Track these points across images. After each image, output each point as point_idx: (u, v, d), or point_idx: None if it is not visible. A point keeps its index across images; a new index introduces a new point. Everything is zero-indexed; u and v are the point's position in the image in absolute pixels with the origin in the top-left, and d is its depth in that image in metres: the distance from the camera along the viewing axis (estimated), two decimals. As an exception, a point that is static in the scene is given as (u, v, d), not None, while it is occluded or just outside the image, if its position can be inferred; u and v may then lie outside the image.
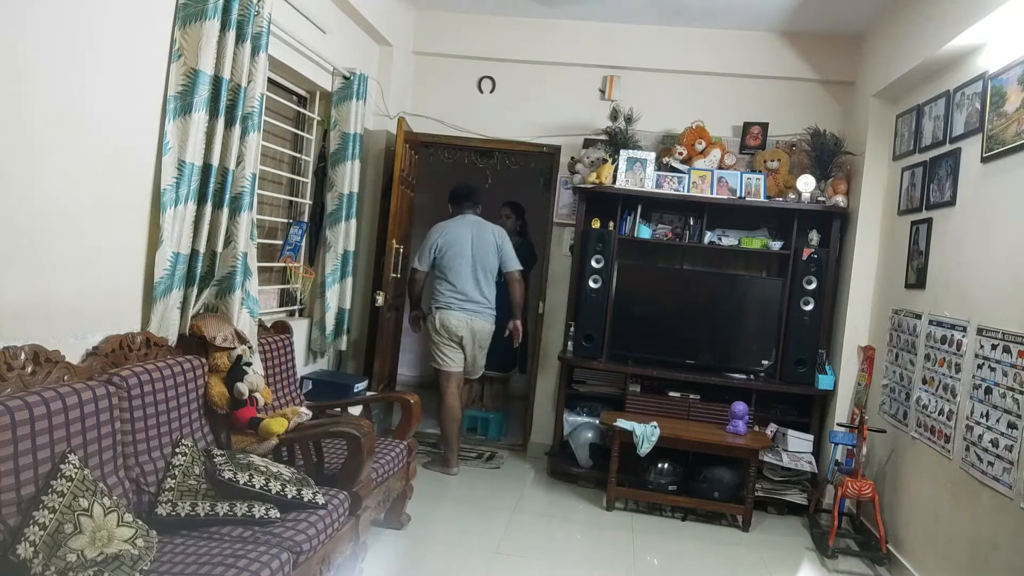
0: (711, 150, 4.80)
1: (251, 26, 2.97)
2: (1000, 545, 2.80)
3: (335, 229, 4.30)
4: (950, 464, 3.26)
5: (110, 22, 2.42)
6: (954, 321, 3.37)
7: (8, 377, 2.08)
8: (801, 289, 4.55)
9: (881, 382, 4.14)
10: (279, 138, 4.10)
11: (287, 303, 4.34)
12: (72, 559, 1.90)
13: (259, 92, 3.09)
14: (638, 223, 4.79)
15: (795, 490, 4.41)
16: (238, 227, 3.06)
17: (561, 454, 4.77)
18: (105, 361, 2.47)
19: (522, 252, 5.39)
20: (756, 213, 4.85)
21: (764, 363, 4.67)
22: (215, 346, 2.91)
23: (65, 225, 2.34)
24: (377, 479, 3.19)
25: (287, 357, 3.65)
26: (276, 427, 2.90)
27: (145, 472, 2.47)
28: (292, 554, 2.31)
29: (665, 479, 4.31)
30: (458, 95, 5.27)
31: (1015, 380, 2.81)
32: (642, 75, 5.09)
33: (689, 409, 4.59)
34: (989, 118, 3.21)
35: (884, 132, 4.40)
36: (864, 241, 4.43)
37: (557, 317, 5.10)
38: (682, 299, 4.83)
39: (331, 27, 4.07)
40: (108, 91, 2.44)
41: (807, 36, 4.89)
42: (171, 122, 2.70)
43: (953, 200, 3.52)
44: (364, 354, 4.95)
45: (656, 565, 3.64)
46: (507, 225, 5.54)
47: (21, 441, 1.96)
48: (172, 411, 2.64)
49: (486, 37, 5.19)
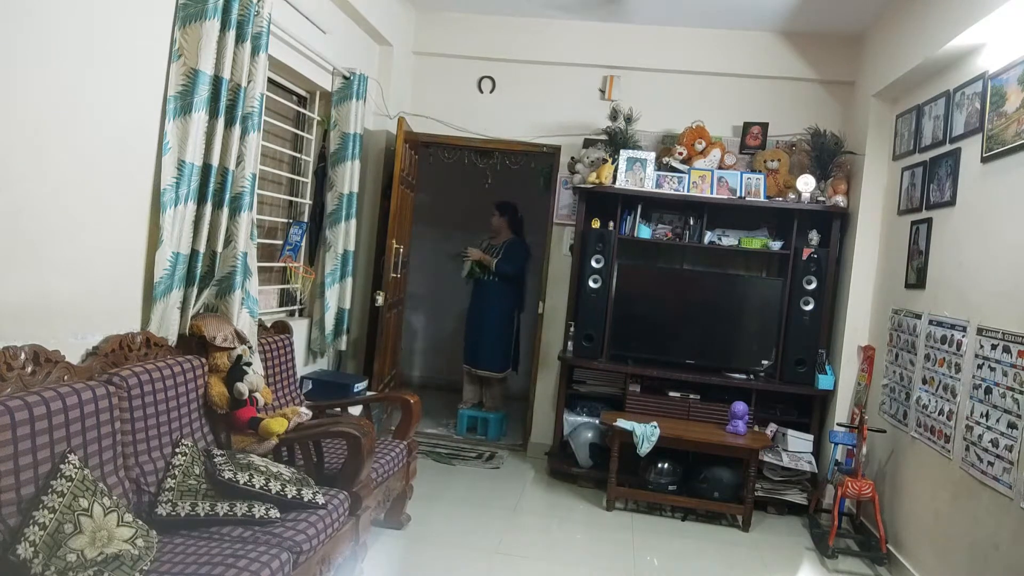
0: (711, 150, 4.80)
1: (251, 26, 2.97)
2: (1000, 545, 2.80)
3: (335, 229, 4.30)
4: (950, 464, 3.26)
5: (110, 22, 2.42)
6: (954, 321, 3.37)
7: (8, 377, 2.08)
8: (801, 289, 4.55)
9: (881, 382, 4.14)
10: (279, 138, 4.10)
11: (287, 303, 4.34)
12: (72, 559, 1.90)
13: (259, 92, 3.09)
14: (638, 223, 4.79)
15: (795, 490, 4.41)
16: (238, 227, 3.06)
17: (561, 454, 4.77)
18: (105, 361, 2.47)
19: (513, 250, 5.40)
20: (756, 213, 4.85)
21: (764, 363, 4.67)
22: (215, 346, 2.91)
23: (65, 225, 2.34)
24: (377, 479, 3.19)
25: (287, 357, 3.65)
26: (276, 427, 2.90)
27: (145, 472, 2.47)
28: (292, 554, 2.31)
29: (665, 479, 4.31)
30: (458, 95, 5.27)
31: (1015, 380, 2.81)
32: (642, 75, 5.09)
33: (689, 409, 4.59)
34: (989, 118, 3.21)
35: (884, 132, 4.40)
36: (864, 241, 4.43)
37: (557, 317, 5.10)
38: (682, 299, 4.83)
39: (331, 27, 4.07)
40: (108, 91, 2.45)
41: (807, 36, 4.89)
42: (171, 122, 2.70)
43: (953, 200, 3.52)
44: (364, 354, 4.95)
45: (656, 565, 3.64)
46: (496, 225, 5.56)
47: (21, 441, 1.96)
48: (172, 411, 2.64)
49: (486, 37, 5.19)
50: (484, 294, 5.51)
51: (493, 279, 5.45)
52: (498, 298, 5.48)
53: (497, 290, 5.48)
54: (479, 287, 5.55)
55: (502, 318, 5.49)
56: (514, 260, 5.44)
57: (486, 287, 5.50)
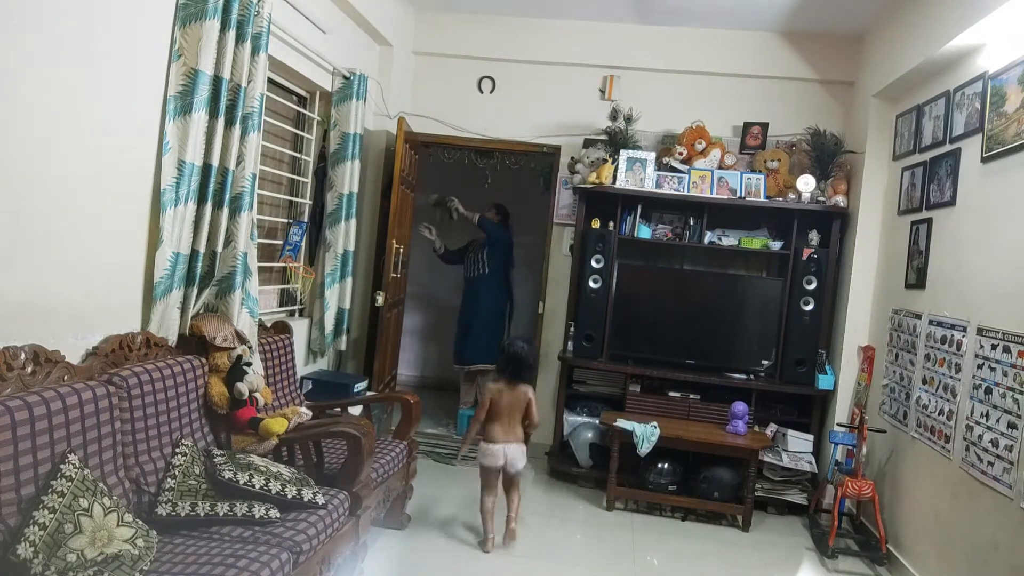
0: (711, 150, 4.80)
1: (251, 26, 2.97)
2: (1000, 545, 2.80)
3: (335, 229, 4.30)
4: (950, 464, 3.26)
5: (110, 22, 2.42)
6: (954, 321, 3.37)
7: (8, 377, 2.08)
8: (801, 289, 4.55)
9: (881, 382, 4.14)
10: (279, 138, 4.10)
11: (287, 303, 4.34)
12: (72, 559, 1.90)
13: (259, 92, 3.09)
14: (638, 223, 4.79)
15: (795, 490, 4.41)
16: (238, 227, 3.06)
17: (561, 454, 4.77)
18: (105, 361, 2.47)
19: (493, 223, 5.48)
20: (756, 213, 4.85)
21: (764, 363, 4.67)
22: (215, 346, 2.91)
23: (65, 225, 2.34)
24: (377, 479, 3.19)
25: (287, 357, 3.65)
26: (276, 427, 2.90)
27: (145, 472, 2.46)
28: (292, 554, 2.31)
29: (665, 479, 4.31)
30: (458, 95, 5.27)
31: (1015, 380, 2.81)
32: (642, 75, 5.09)
33: (689, 409, 4.59)
34: (989, 118, 3.21)
35: (884, 132, 4.40)
36: (864, 241, 4.43)
37: (557, 317, 5.10)
38: (682, 299, 4.82)
39: (331, 27, 4.07)
40: (108, 91, 2.44)
41: (807, 36, 4.89)
42: (171, 122, 2.70)
43: (953, 200, 3.52)
44: (364, 354, 4.95)
45: (656, 565, 3.64)
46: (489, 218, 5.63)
47: (21, 441, 1.96)
48: (172, 411, 2.64)
49: (486, 37, 5.19)
50: (474, 293, 5.57)
51: (483, 273, 5.47)
52: (487, 293, 5.52)
53: (485, 285, 5.52)
54: (469, 286, 5.61)
55: (492, 311, 5.53)
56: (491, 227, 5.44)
57: (475, 285, 5.55)
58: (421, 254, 6.00)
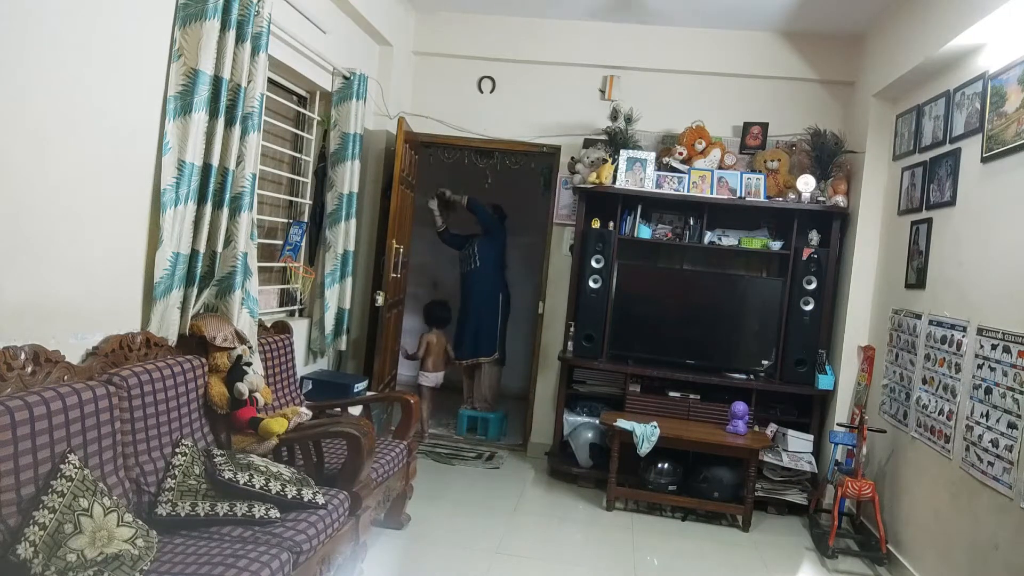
0: (711, 150, 4.80)
1: (251, 26, 2.97)
2: (1000, 545, 2.80)
3: (335, 229, 4.30)
4: (950, 464, 3.26)
5: (110, 22, 2.42)
6: (954, 321, 3.37)
7: (8, 377, 2.08)
8: (801, 289, 4.55)
9: (881, 382, 4.14)
10: (279, 138, 4.10)
11: (287, 303, 4.34)
12: (72, 559, 1.90)
13: (259, 92, 3.09)
14: (638, 223, 4.79)
15: (795, 490, 4.41)
16: (238, 227, 3.06)
17: (561, 454, 4.77)
18: (105, 361, 2.47)
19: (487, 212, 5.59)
20: (756, 213, 4.85)
21: (764, 363, 4.67)
22: (215, 346, 2.91)
23: (65, 225, 2.34)
24: (377, 479, 3.19)
25: (287, 357, 3.65)
26: (276, 427, 2.90)
27: (145, 472, 2.46)
28: (292, 554, 2.31)
29: (665, 479, 4.31)
30: (458, 95, 5.27)
31: (1015, 380, 2.81)
32: (642, 75, 5.09)
33: (689, 409, 4.59)
34: (989, 118, 3.21)
35: (884, 132, 4.40)
36: (864, 241, 4.43)
37: (557, 317, 5.10)
38: (682, 299, 4.83)
39: (331, 27, 4.07)
40: (108, 91, 2.45)
41: (807, 36, 4.89)
42: (171, 122, 2.70)
43: (953, 200, 3.52)
44: (364, 354, 4.95)
45: (656, 565, 3.64)
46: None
47: (21, 441, 1.96)
48: (172, 411, 2.64)
49: (486, 37, 5.19)
50: (468, 288, 5.64)
51: (475, 267, 5.55)
52: (480, 287, 5.58)
53: (478, 279, 5.57)
54: (463, 281, 5.68)
55: (486, 305, 5.56)
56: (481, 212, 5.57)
57: (468, 280, 5.62)
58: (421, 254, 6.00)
